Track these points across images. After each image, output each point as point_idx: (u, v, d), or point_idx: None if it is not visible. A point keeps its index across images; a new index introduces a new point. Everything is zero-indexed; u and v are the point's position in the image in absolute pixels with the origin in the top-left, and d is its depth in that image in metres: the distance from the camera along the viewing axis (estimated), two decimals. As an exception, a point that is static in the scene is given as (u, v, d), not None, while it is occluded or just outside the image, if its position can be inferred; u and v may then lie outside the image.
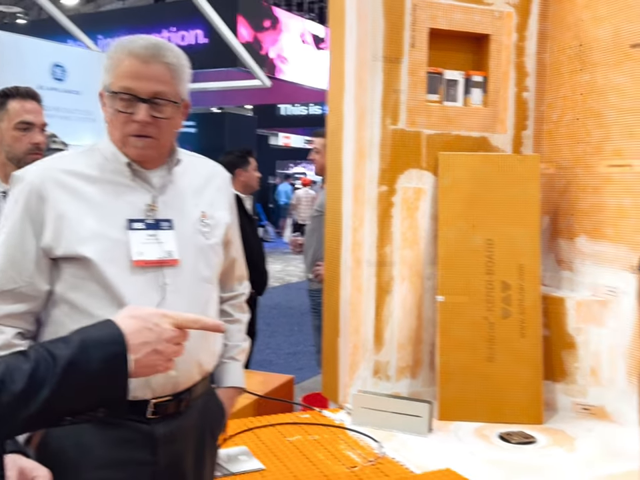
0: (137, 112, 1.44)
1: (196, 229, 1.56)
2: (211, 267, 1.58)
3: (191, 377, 1.55)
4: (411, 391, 2.92)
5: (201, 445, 1.62)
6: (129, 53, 1.43)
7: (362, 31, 2.77)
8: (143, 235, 1.48)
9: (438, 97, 2.94)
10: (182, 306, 1.49)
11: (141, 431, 1.48)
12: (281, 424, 2.63)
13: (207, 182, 1.63)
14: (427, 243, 2.93)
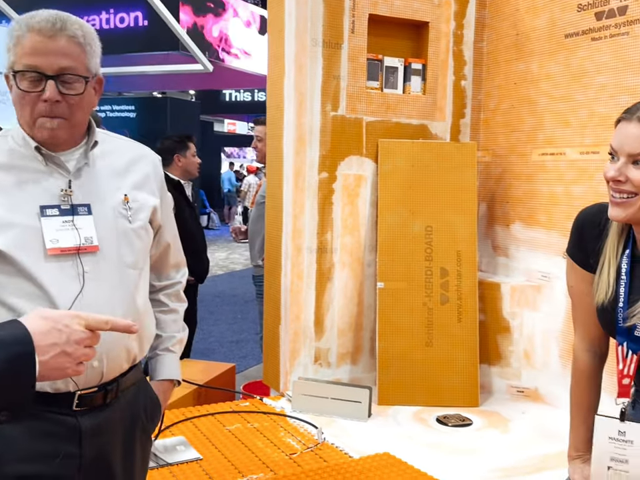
0: (44, 91, 1.37)
1: (118, 213, 1.49)
2: (135, 251, 1.52)
3: (119, 366, 1.50)
4: (351, 377, 2.94)
5: (131, 437, 1.58)
6: (31, 28, 1.34)
7: (301, 16, 2.74)
8: (57, 222, 1.41)
9: (378, 84, 2.94)
10: (104, 294, 1.43)
11: (66, 423, 1.43)
12: (220, 413, 2.61)
13: (132, 164, 1.56)
14: (368, 229, 2.95)
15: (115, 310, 1.45)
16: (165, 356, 1.70)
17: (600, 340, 1.51)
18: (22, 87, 1.37)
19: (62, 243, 1.40)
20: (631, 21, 2.43)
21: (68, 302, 1.38)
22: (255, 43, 12.98)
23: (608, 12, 2.53)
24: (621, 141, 1.28)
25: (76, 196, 1.44)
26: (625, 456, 1.34)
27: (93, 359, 1.40)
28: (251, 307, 8.00)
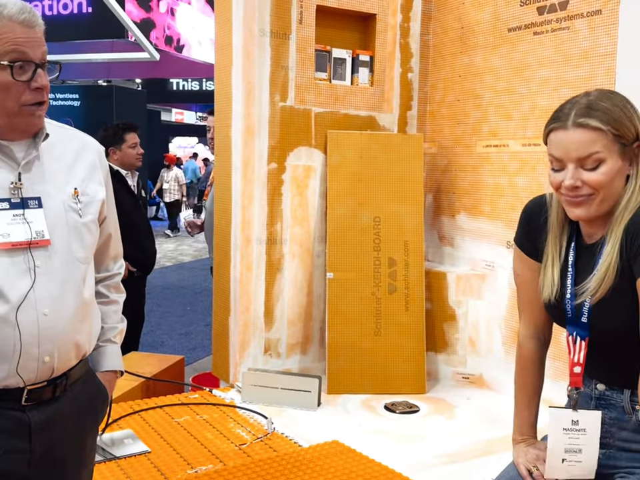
0: (35, 79, 1.36)
1: (68, 207, 1.47)
2: (86, 246, 1.50)
3: (68, 361, 1.48)
4: (301, 366, 2.96)
5: (80, 430, 1.56)
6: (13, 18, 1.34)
7: (249, 5, 2.73)
8: (8, 215, 1.38)
9: (326, 75, 2.95)
10: (55, 288, 1.41)
11: (15, 418, 1.40)
12: (168, 405, 2.60)
13: (78, 156, 1.54)
14: (317, 220, 2.96)
15: (65, 305, 1.43)
16: (107, 347, 1.69)
17: (544, 326, 1.56)
18: (14, 76, 1.35)
19: (13, 237, 1.37)
20: (572, 15, 2.51)
21: (19, 296, 1.36)
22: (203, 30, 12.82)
23: (549, 7, 2.60)
24: (565, 148, 1.31)
25: (26, 189, 1.41)
26: (579, 445, 1.38)
27: (44, 354, 1.38)
28: (200, 298, 7.94)
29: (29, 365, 1.38)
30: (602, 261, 1.33)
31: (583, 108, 1.30)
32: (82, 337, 1.50)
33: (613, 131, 1.29)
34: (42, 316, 1.38)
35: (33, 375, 1.40)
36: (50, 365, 1.42)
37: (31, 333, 1.38)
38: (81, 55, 9.55)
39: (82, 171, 1.52)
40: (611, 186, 1.31)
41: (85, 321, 1.50)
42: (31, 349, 1.38)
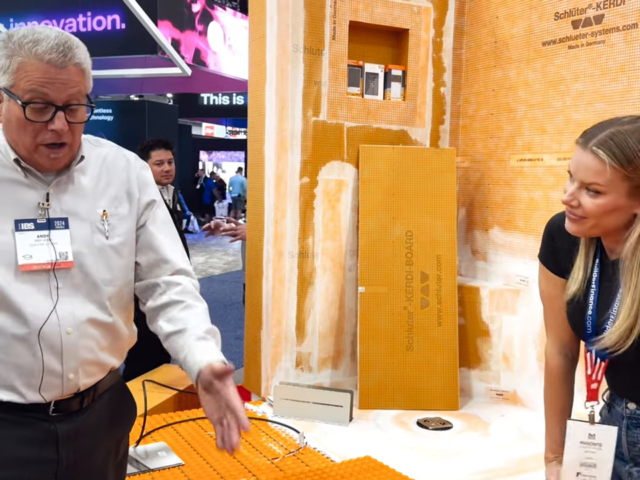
0: (53, 121, 1.34)
1: (95, 228, 1.46)
2: (112, 268, 1.48)
3: (93, 377, 1.49)
4: (332, 381, 2.95)
5: (109, 440, 1.57)
6: (39, 57, 1.30)
7: (283, 22, 2.76)
8: (32, 236, 1.38)
9: (358, 90, 2.97)
10: (78, 309, 1.41)
11: (43, 429, 1.42)
12: (201, 418, 2.60)
13: (113, 174, 1.53)
14: (349, 234, 2.96)
15: (89, 324, 1.43)
16: (202, 343, 1.50)
17: (571, 343, 1.54)
18: (28, 116, 1.33)
19: (35, 258, 1.37)
20: (607, 29, 2.49)
21: (42, 316, 1.37)
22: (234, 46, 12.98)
23: (584, 20, 2.58)
24: (575, 167, 1.31)
25: (53, 209, 1.41)
26: (593, 460, 1.37)
27: (69, 371, 1.39)
28: (230, 311, 7.97)
29: (54, 382, 1.40)
30: (620, 308, 1.32)
31: (606, 136, 1.27)
32: (107, 354, 1.50)
33: (623, 171, 1.25)
34: (65, 335, 1.39)
35: (58, 392, 1.41)
36: (75, 382, 1.43)
37: (55, 351, 1.39)
38: (114, 70, 9.71)
39: (114, 190, 1.51)
40: (606, 218, 1.30)
41: (110, 340, 1.49)
42: (55, 367, 1.39)
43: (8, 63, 1.32)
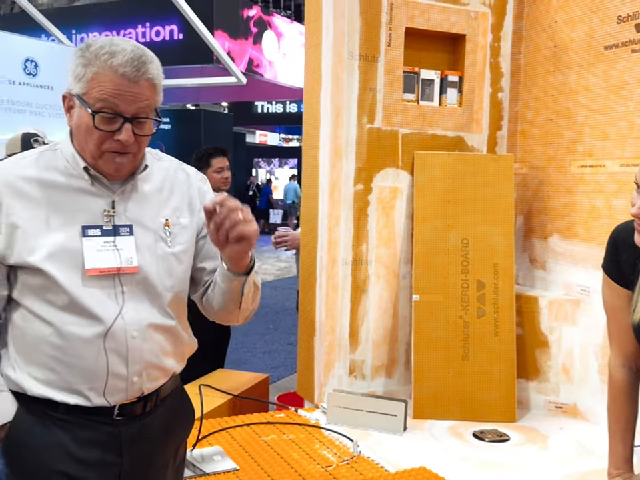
0: (120, 132, 1.38)
1: (158, 236, 1.50)
2: (173, 275, 1.52)
3: (156, 381, 1.52)
4: (386, 389, 2.93)
5: (169, 444, 1.60)
6: (114, 69, 1.34)
7: (338, 29, 2.76)
8: (98, 242, 1.43)
9: (414, 96, 2.95)
10: (142, 313, 1.45)
11: (107, 432, 1.46)
12: (255, 423, 2.62)
13: (174, 187, 1.56)
14: (403, 241, 2.94)
15: (152, 329, 1.47)
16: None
17: (635, 355, 1.49)
18: (96, 124, 1.38)
19: (101, 263, 1.42)
20: (673, 32, 2.40)
21: (109, 320, 1.41)
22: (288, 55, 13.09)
23: (649, 23, 2.49)
24: None
25: (119, 217, 1.46)
26: None
27: (133, 375, 1.43)
28: (282, 317, 8.02)
29: (118, 385, 1.43)
30: None
31: None
32: (169, 359, 1.53)
33: None
34: (131, 338, 1.43)
35: (122, 395, 1.44)
36: (139, 385, 1.46)
37: (121, 354, 1.42)
38: (172, 80, 9.93)
39: (176, 201, 1.55)
40: None
41: (172, 344, 1.53)
42: (120, 371, 1.42)
43: (83, 72, 1.38)
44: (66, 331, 1.39)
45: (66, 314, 1.39)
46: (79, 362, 1.40)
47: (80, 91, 1.38)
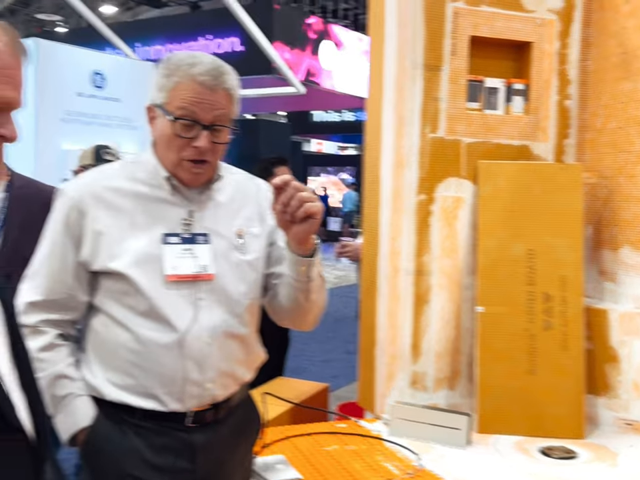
0: (197, 138, 1.44)
1: (232, 245, 1.56)
2: (247, 282, 1.57)
3: (228, 388, 1.56)
4: (448, 402, 2.89)
5: (239, 452, 1.63)
6: (193, 78, 1.42)
7: (402, 39, 2.76)
8: (177, 249, 1.48)
9: (478, 105, 2.91)
10: (216, 320, 1.49)
11: (181, 439, 1.49)
12: (317, 433, 2.63)
13: (246, 197, 1.63)
14: (466, 252, 2.90)
15: (226, 336, 1.50)
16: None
17: None
18: (176, 131, 1.45)
19: (180, 270, 1.47)
20: None
21: (185, 326, 1.45)
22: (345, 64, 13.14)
23: None
24: None
25: (196, 225, 1.52)
26: None
27: (207, 381, 1.46)
28: (341, 325, 8.02)
29: (193, 391, 1.47)
30: None
31: None
32: (241, 367, 1.57)
33: None
34: (205, 345, 1.47)
35: (196, 402, 1.48)
36: (212, 392, 1.49)
37: (195, 360, 1.46)
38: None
39: (248, 211, 1.61)
40: None
41: (244, 352, 1.56)
42: (195, 376, 1.46)
43: (165, 82, 1.45)
44: (144, 337, 1.43)
45: (145, 319, 1.44)
46: (155, 367, 1.44)
47: (162, 100, 1.45)
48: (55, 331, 1.49)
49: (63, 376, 1.46)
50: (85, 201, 1.46)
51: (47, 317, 1.48)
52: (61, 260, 1.47)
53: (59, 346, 1.48)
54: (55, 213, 1.50)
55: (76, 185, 1.51)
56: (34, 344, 1.43)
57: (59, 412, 1.45)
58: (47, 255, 1.50)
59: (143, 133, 7.04)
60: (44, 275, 1.48)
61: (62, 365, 1.47)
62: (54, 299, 1.48)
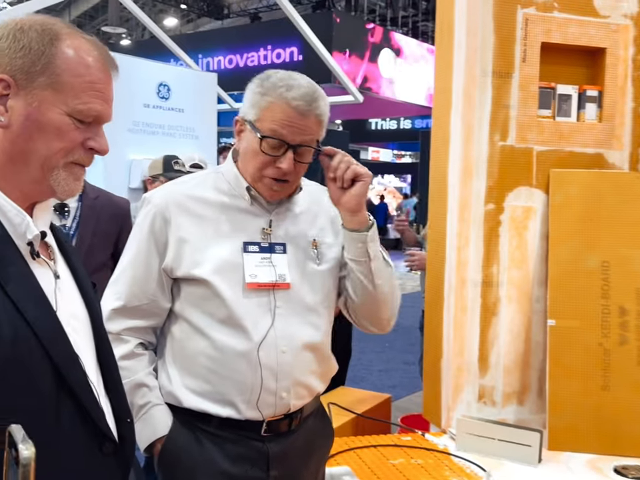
0: (282, 159, 1.46)
1: (307, 255, 1.57)
2: (322, 292, 1.58)
3: (302, 399, 1.55)
4: (517, 418, 2.81)
5: (311, 463, 1.62)
6: (287, 102, 1.44)
7: (471, 47, 2.72)
8: (257, 258, 1.50)
9: (550, 112, 2.84)
10: (291, 329, 1.49)
11: (256, 448, 1.50)
12: (382, 445, 2.60)
13: (320, 209, 1.64)
14: (537, 263, 2.82)
15: (300, 345, 1.50)
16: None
17: None
18: (262, 148, 1.47)
19: (259, 278, 1.49)
20: None
21: (262, 333, 1.46)
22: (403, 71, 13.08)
23: None
24: None
25: (274, 235, 1.53)
26: None
27: (282, 390, 1.46)
28: (398, 336, 7.94)
29: (268, 400, 1.47)
30: None
31: None
32: (315, 378, 1.56)
33: None
34: (280, 353, 1.47)
35: (271, 410, 1.48)
36: (286, 401, 1.49)
37: (271, 369, 1.46)
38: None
39: (322, 222, 1.61)
40: None
41: (318, 363, 1.56)
42: (270, 384, 1.46)
43: (259, 100, 1.47)
44: (221, 343, 1.45)
45: (223, 326, 1.45)
46: (232, 374, 1.46)
47: (253, 117, 1.47)
48: (136, 339, 1.52)
49: (143, 384, 1.49)
50: (170, 208, 1.49)
51: (129, 324, 1.51)
52: (145, 266, 1.50)
53: (139, 355, 1.51)
54: (140, 220, 1.54)
55: (161, 193, 1.55)
56: (116, 352, 1.46)
57: (138, 420, 1.47)
58: (131, 261, 1.53)
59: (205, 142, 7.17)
60: (127, 281, 1.52)
61: (142, 373, 1.49)
62: (137, 305, 1.50)
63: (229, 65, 12.65)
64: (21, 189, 1.04)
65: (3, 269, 0.97)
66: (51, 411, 0.99)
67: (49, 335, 0.99)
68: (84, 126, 1.06)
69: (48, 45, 1.03)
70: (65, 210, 2.85)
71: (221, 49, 12.44)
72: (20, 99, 1.02)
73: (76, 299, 1.13)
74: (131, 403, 1.47)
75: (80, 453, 1.03)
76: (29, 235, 1.01)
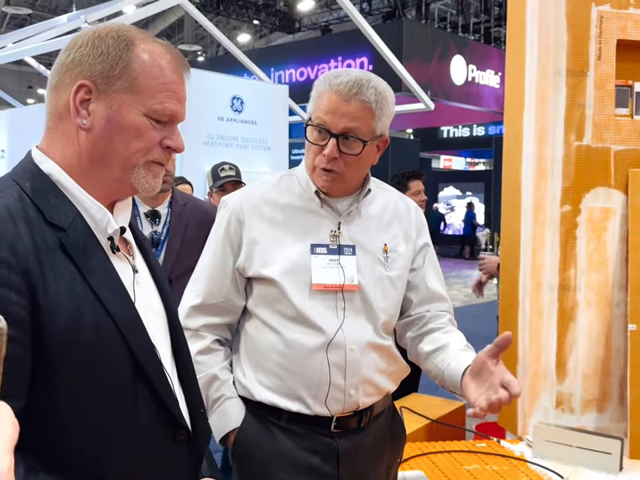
0: (326, 146, 1.49)
1: (377, 259, 1.58)
2: (388, 298, 1.58)
3: (370, 396, 1.56)
4: (597, 425, 2.72)
5: (381, 462, 1.62)
6: (331, 87, 1.48)
7: (543, 46, 2.67)
8: (325, 260, 1.52)
9: (627, 111, 2.75)
10: (359, 329, 1.51)
11: (325, 443, 1.52)
12: (457, 451, 2.56)
13: (394, 215, 1.64)
14: (616, 266, 2.73)
15: (367, 346, 1.52)
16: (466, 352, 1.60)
17: None
18: (309, 138, 1.51)
19: (326, 279, 1.51)
20: None
21: (331, 332, 1.48)
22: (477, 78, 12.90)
23: None
24: None
25: (343, 237, 1.55)
26: None
27: (350, 387, 1.48)
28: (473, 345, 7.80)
29: (337, 396, 1.49)
30: None
31: None
32: (383, 377, 1.57)
33: None
34: (349, 351, 1.49)
35: (340, 407, 1.50)
36: (355, 398, 1.51)
37: (339, 366, 1.48)
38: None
39: (395, 229, 1.62)
40: None
41: (386, 362, 1.57)
42: (339, 382, 1.48)
43: (313, 94, 1.53)
44: (292, 340, 1.48)
45: (293, 324, 1.49)
46: (302, 370, 1.49)
47: (309, 109, 1.52)
48: (213, 336, 1.58)
49: (217, 378, 1.54)
50: (244, 210, 1.55)
51: (207, 321, 1.57)
52: (222, 265, 1.56)
53: (215, 350, 1.56)
54: (217, 221, 1.61)
55: (237, 196, 1.61)
56: (193, 347, 1.51)
57: (212, 413, 1.52)
58: (209, 260, 1.59)
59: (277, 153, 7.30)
60: (205, 279, 1.58)
61: (217, 368, 1.54)
62: (214, 302, 1.56)
63: (300, 78, 12.85)
64: (103, 188, 1.10)
65: (86, 260, 1.03)
66: (128, 397, 1.03)
67: (128, 325, 1.04)
68: (160, 125, 1.11)
69: (124, 50, 1.09)
70: (157, 216, 2.97)
71: (292, 61, 12.65)
72: (100, 102, 1.07)
73: (153, 292, 1.19)
74: (205, 396, 1.52)
75: (154, 438, 1.07)
76: (109, 229, 1.07)
